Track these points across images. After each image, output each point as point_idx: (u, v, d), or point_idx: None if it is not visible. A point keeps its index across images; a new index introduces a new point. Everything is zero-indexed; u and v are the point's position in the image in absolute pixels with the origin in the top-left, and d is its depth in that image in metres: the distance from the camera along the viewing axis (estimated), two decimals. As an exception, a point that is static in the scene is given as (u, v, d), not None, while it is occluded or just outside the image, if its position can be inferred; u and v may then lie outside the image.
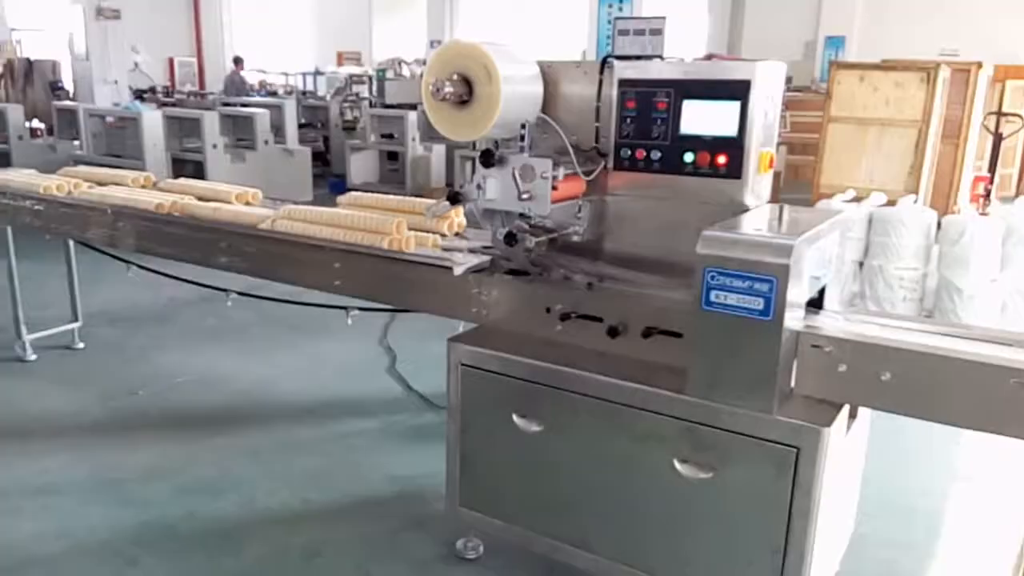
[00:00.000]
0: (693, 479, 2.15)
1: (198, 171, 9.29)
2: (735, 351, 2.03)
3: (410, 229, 3.05)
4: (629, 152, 2.59)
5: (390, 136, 10.90)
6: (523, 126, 2.44)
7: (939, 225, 5.70)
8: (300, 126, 12.74)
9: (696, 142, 2.47)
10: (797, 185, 10.20)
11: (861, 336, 2.06)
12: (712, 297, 2.03)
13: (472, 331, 2.65)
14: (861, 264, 5.73)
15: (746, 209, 2.44)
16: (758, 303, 1.96)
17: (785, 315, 1.96)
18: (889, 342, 2.01)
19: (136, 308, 5.52)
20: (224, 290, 3.89)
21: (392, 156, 11.28)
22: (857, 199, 5.94)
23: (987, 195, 8.41)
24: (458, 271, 2.58)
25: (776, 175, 11.09)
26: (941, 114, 7.41)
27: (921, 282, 5.61)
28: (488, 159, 2.45)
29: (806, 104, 12.10)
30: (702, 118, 2.46)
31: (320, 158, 13.20)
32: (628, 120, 2.58)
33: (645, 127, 2.55)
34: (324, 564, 2.67)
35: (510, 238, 2.56)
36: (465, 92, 2.49)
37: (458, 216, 3.14)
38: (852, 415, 2.27)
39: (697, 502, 2.17)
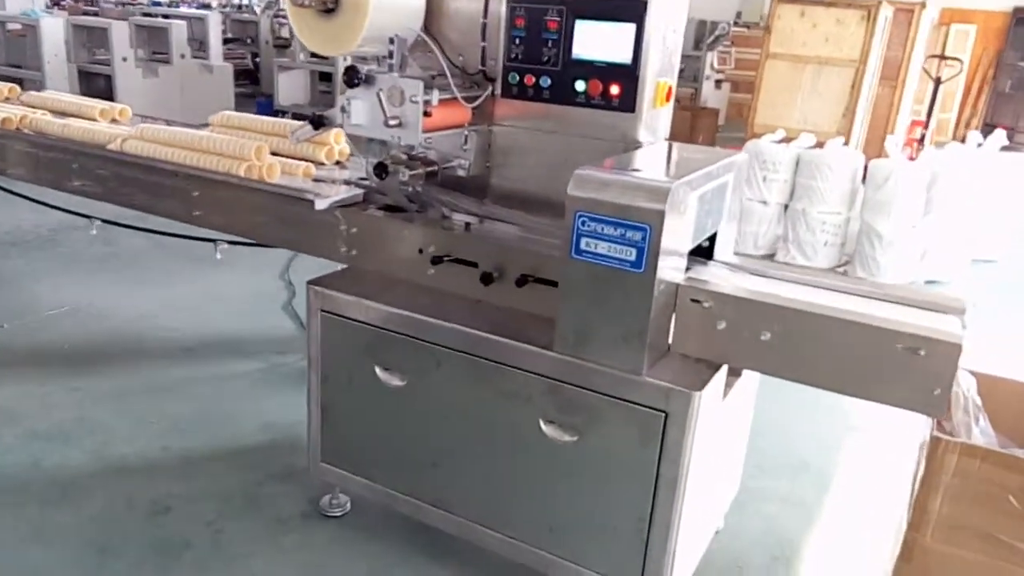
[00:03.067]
0: (558, 441, 1.97)
1: (108, 86, 8.67)
2: (605, 305, 1.83)
3: (286, 156, 2.76)
4: (518, 78, 2.32)
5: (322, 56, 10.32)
6: (392, 40, 2.14)
7: (866, 168, 5.59)
8: (227, 41, 12.00)
9: (588, 68, 2.22)
10: (737, 124, 10.03)
11: (743, 291, 1.88)
12: (582, 245, 1.81)
13: (337, 273, 2.40)
14: (786, 207, 5.60)
15: (639, 146, 2.21)
16: (630, 253, 1.76)
17: (660, 267, 1.75)
18: (772, 299, 1.83)
19: (18, 231, 5.10)
20: (88, 216, 3.54)
21: (325, 76, 10.70)
22: (787, 140, 5.77)
23: (921, 140, 8.37)
24: (320, 205, 2.31)
25: (714, 113, 10.88)
26: (881, 55, 7.25)
27: (844, 227, 5.52)
28: (351, 78, 2.16)
29: (752, 41, 11.85)
30: (595, 41, 2.20)
31: (249, 76, 12.52)
32: (517, 41, 2.30)
33: (535, 49, 2.28)
34: (170, 521, 2.45)
35: (381, 169, 2.29)
36: (330, -2, 2.19)
37: (338, 143, 2.85)
38: (736, 373, 2.11)
39: (562, 465, 1.99)
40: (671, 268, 1.83)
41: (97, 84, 8.93)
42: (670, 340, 1.93)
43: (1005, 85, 12.48)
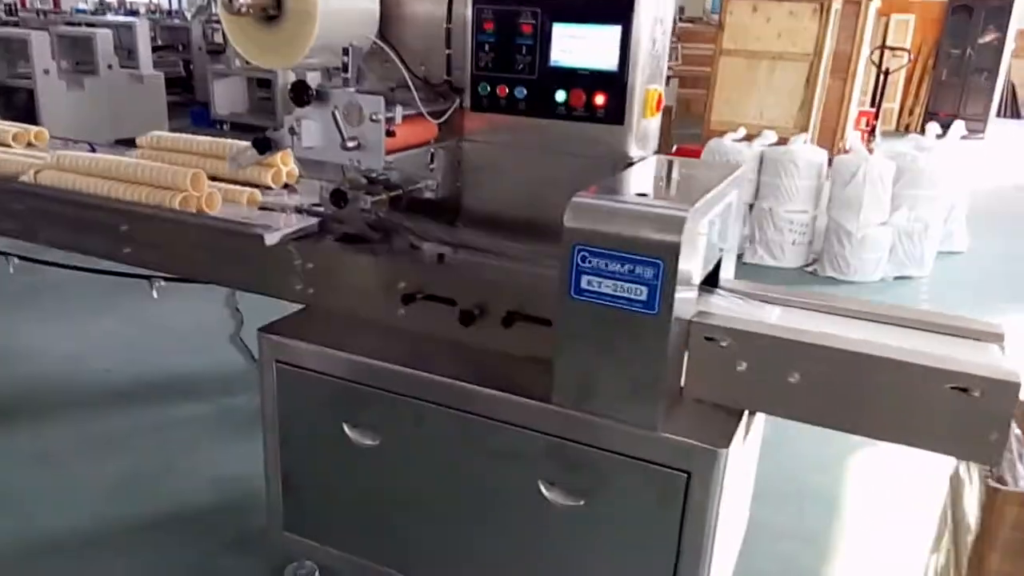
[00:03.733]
0: (562, 506, 1.72)
1: (30, 101, 8.14)
2: (611, 351, 1.59)
3: (227, 181, 2.45)
4: (488, 88, 2.07)
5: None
6: (346, 51, 1.86)
7: (830, 164, 5.47)
8: (157, 49, 11.45)
9: (569, 77, 1.98)
10: (688, 120, 9.93)
11: (765, 327, 1.65)
12: (583, 283, 1.57)
13: (293, 317, 2.11)
14: (751, 206, 5.46)
15: (630, 161, 1.98)
16: (640, 292, 1.51)
17: (675, 306, 1.51)
18: (799, 335, 1.61)
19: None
20: (4, 253, 3.16)
21: (263, 83, 10.25)
22: (748, 137, 5.62)
23: (872, 131, 8.36)
24: (270, 239, 2.01)
25: (668, 110, 10.82)
26: (832, 48, 7.19)
27: (811, 224, 5.40)
28: (300, 94, 1.87)
29: (698, 35, 11.80)
30: (576, 47, 1.96)
31: (182, 84, 11.99)
32: (486, 47, 2.05)
33: (507, 57, 2.03)
34: (112, 611, 2.13)
35: (338, 198, 2.01)
36: (271, 3, 1.90)
37: (286, 164, 2.55)
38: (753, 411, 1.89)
39: (567, 533, 1.75)
40: (684, 305, 1.59)
41: (19, 99, 8.37)
42: (682, 383, 1.70)
43: (943, 73, 12.67)
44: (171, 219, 2.15)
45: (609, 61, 1.93)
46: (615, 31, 1.91)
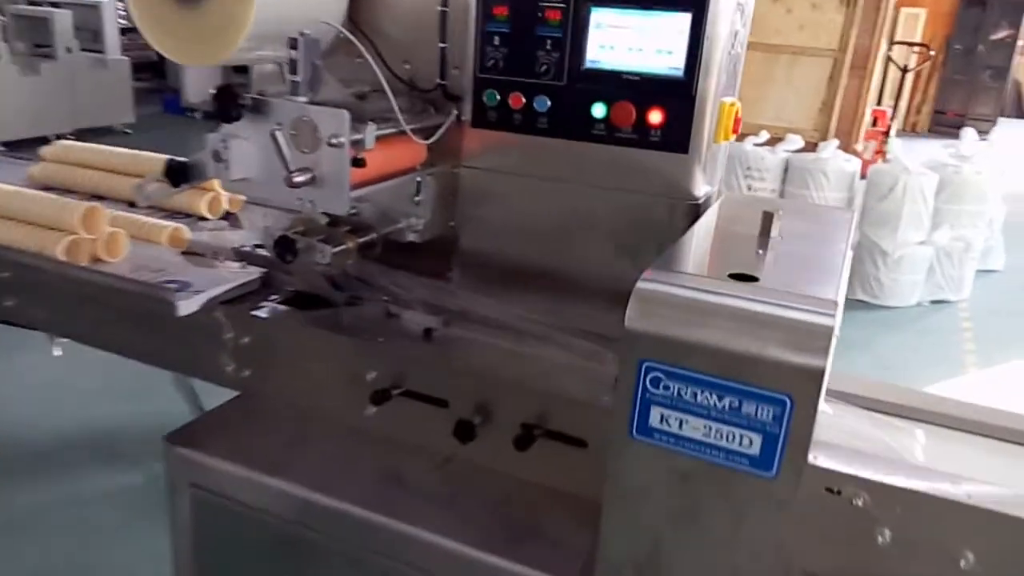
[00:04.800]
0: None
1: (-21, 85, 7.46)
2: (695, 525, 1.02)
3: (149, 209, 1.86)
4: (498, 97, 1.49)
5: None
6: (294, 44, 1.28)
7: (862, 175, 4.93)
8: (126, 31, 10.74)
9: (613, 84, 1.40)
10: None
11: (921, 476, 1.09)
12: (652, 419, 0.99)
13: (216, 414, 1.53)
14: (775, 220, 4.90)
15: (695, 203, 1.41)
16: (750, 442, 0.95)
17: (805, 464, 0.95)
18: (970, 498, 1.04)
19: None
20: None
21: (240, 68, 9.54)
22: (772, 142, 5.07)
23: (886, 133, 7.82)
24: (185, 308, 1.43)
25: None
26: (854, 43, 6.64)
27: (841, 242, 4.84)
28: (227, 105, 1.29)
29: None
30: (624, 41, 1.39)
31: (154, 69, 11.29)
32: (496, 41, 1.47)
33: (525, 54, 1.46)
34: None
35: (285, 249, 1.43)
36: (190, -24, 1.32)
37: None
38: None
39: None
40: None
41: (-31, 85, 7.69)
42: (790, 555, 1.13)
43: (953, 70, 12.17)
44: (55, 272, 1.55)
45: (672, 62, 1.36)
46: (682, 19, 1.34)
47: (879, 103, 8.81)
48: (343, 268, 1.52)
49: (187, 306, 1.41)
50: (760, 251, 1.15)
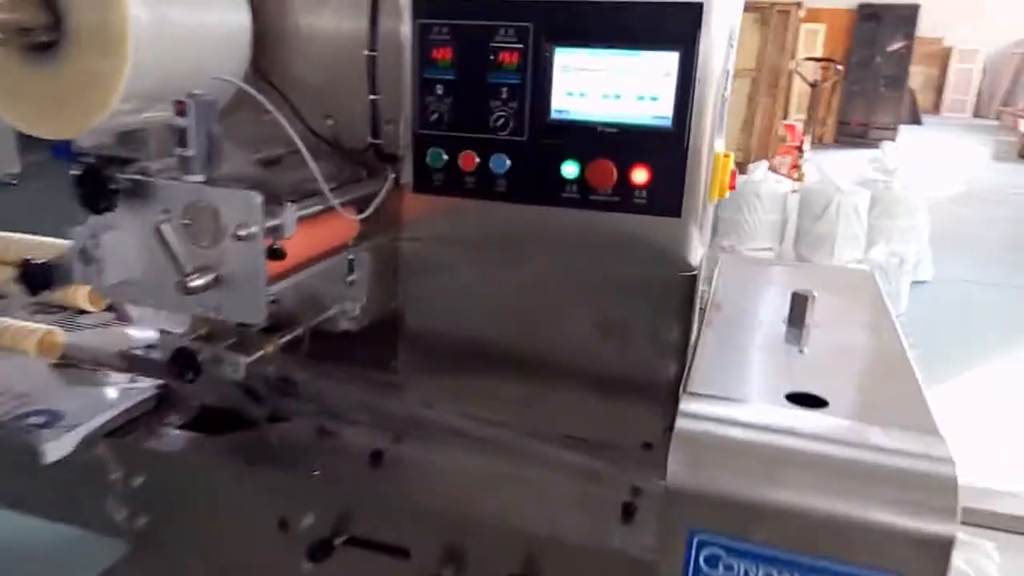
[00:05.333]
0: None
1: None
2: None
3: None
4: (444, 156, 1.23)
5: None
6: (182, 109, 0.97)
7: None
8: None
9: (585, 137, 1.16)
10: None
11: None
12: (710, 605, 0.73)
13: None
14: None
15: (692, 274, 1.16)
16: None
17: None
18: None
19: None
20: None
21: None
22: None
23: (800, 147, 7.90)
24: (53, 453, 1.09)
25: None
26: (768, 61, 6.67)
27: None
28: (96, 192, 0.98)
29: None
30: (597, 87, 1.14)
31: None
32: (439, 90, 1.21)
33: (476, 105, 1.20)
34: None
35: (184, 364, 1.11)
36: (42, 20, 1.01)
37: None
38: None
39: None
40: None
41: None
42: None
43: (853, 82, 12.56)
44: None
45: (658, 109, 1.13)
46: (668, 59, 1.10)
47: (785, 118, 8.95)
48: (263, 373, 1.21)
49: (56, 449, 1.08)
50: (803, 349, 0.91)
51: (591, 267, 1.22)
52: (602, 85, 1.14)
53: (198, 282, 0.97)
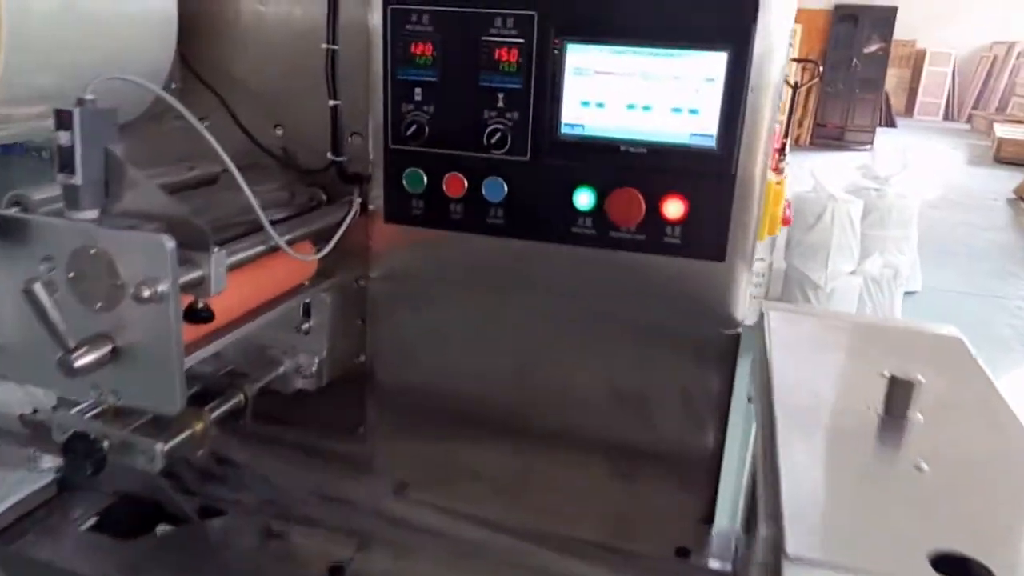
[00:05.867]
0: None
1: None
2: None
3: None
4: (424, 179, 0.98)
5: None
6: (63, 120, 0.70)
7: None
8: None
9: (604, 158, 0.91)
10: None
11: None
12: None
13: None
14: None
15: (737, 336, 0.92)
16: None
17: None
18: None
19: None
20: None
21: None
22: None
23: (782, 150, 7.74)
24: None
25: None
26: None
27: (767, 274, 4.55)
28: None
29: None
30: (621, 94, 0.89)
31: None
32: (417, 95, 0.95)
33: (466, 115, 0.94)
34: None
35: (83, 454, 0.83)
36: None
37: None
38: None
39: None
40: None
41: None
42: None
43: (830, 84, 12.48)
44: None
45: (699, 125, 0.88)
46: (714, 60, 0.86)
47: (788, 123, 8.78)
48: (194, 457, 0.95)
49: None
50: (921, 465, 0.66)
51: (607, 318, 0.98)
52: (627, 93, 0.89)
53: (86, 359, 0.71)
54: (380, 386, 1.12)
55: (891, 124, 15.24)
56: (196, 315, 0.76)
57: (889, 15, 11.69)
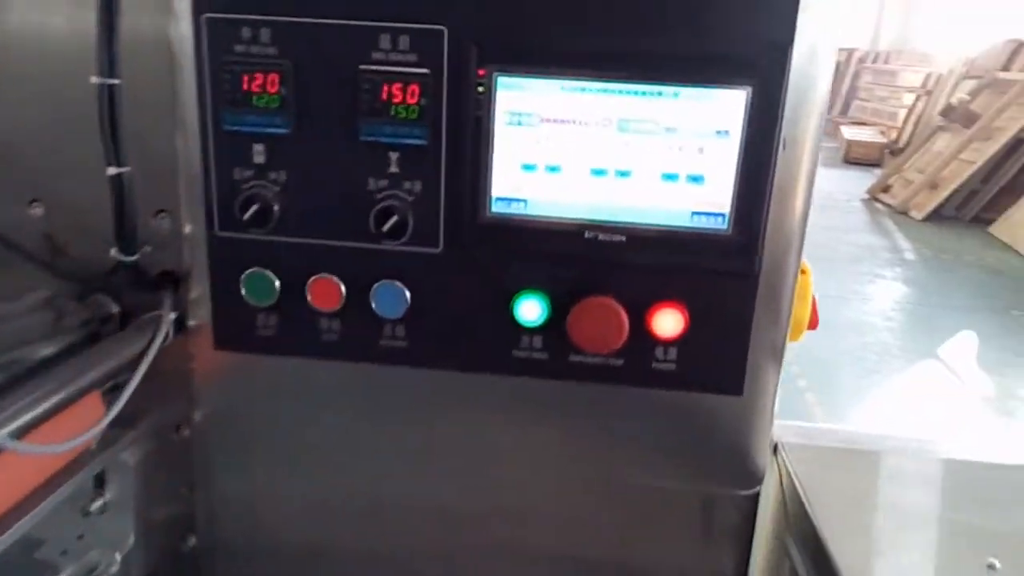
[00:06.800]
0: None
1: None
2: None
3: None
4: (276, 285, 0.60)
5: None
6: None
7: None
8: None
9: (557, 250, 0.57)
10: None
11: None
12: None
13: None
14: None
15: (755, 497, 0.62)
16: None
17: None
18: None
19: None
20: None
21: None
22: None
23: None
24: None
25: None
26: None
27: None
28: None
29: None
30: (583, 152, 0.56)
31: None
32: (258, 152, 0.58)
33: (337, 182, 0.57)
34: None
35: None
36: None
37: None
38: None
39: None
40: None
41: None
42: None
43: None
44: None
45: (704, 198, 0.56)
46: (729, 103, 0.54)
47: None
48: None
49: None
50: None
51: (566, 475, 0.65)
52: (594, 151, 0.57)
53: None
54: (223, 568, 0.75)
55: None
56: None
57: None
